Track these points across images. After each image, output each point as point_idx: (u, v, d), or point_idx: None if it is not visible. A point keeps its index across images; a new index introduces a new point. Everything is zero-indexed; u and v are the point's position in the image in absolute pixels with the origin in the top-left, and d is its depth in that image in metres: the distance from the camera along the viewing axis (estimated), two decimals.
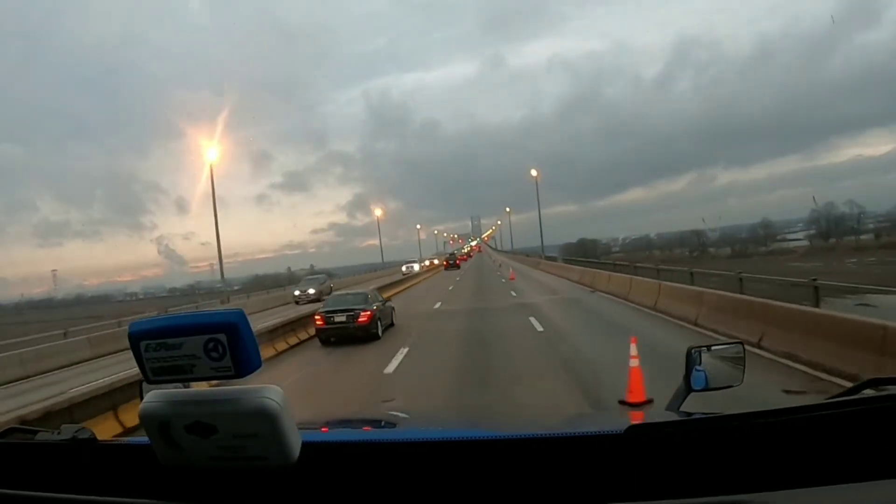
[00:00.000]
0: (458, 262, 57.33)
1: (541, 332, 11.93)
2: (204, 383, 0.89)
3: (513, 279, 29.56)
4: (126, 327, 1.76)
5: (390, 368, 9.46)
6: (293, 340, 13.71)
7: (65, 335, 17.95)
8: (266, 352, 11.82)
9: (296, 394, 8.53)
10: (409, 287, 32.49)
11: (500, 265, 50.88)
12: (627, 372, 6.19)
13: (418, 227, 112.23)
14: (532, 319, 13.50)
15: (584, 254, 52.16)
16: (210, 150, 30.14)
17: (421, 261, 67.75)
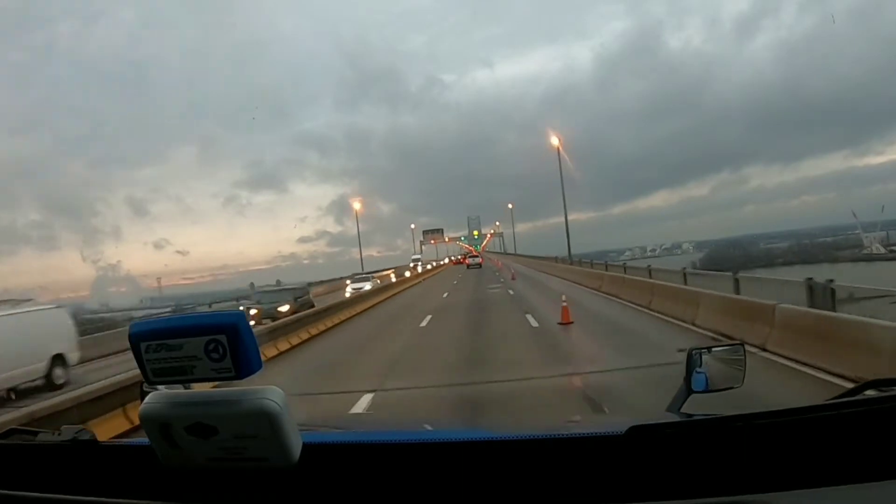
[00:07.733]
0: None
1: None
2: (204, 384, 0.89)
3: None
4: None
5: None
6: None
7: None
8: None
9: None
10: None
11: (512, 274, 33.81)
12: None
13: (445, 234, 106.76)
14: None
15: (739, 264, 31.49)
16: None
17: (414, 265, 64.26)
